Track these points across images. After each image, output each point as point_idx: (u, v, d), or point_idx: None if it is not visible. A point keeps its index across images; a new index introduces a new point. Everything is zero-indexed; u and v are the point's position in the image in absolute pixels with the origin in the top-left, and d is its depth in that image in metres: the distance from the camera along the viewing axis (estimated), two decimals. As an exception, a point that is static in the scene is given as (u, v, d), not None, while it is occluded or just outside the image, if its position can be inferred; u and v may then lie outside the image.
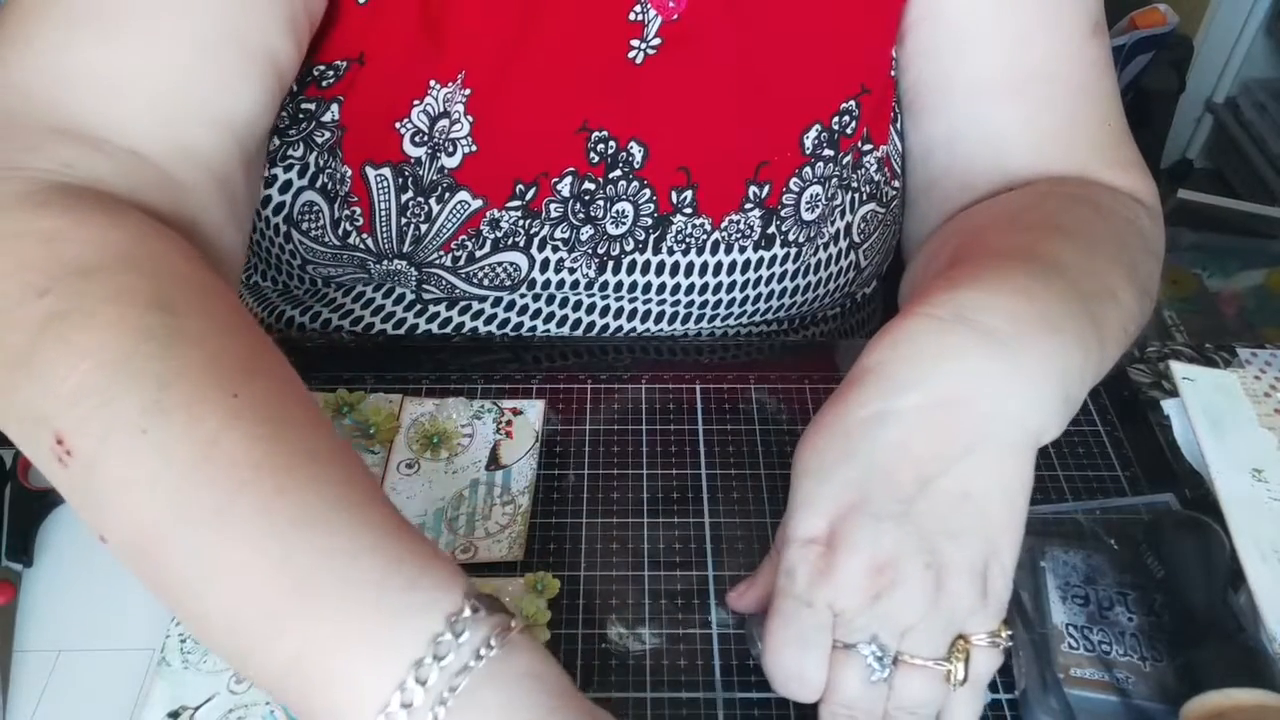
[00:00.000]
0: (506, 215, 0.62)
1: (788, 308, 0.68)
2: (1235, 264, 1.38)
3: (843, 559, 0.41)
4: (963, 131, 0.64)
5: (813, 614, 0.42)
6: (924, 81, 0.66)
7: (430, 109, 0.59)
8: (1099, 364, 0.47)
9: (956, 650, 0.42)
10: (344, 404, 0.59)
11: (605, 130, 0.62)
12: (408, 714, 0.34)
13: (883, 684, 0.42)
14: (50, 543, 0.53)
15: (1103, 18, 0.64)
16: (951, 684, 0.42)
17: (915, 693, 0.41)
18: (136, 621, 0.49)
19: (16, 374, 0.39)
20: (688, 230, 0.64)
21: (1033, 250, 0.49)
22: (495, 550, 0.53)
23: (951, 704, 0.42)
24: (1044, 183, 0.61)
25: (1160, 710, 0.46)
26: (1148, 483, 0.57)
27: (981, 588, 0.42)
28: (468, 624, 0.36)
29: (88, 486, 0.38)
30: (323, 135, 0.60)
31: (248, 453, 0.37)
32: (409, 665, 0.35)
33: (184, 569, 0.37)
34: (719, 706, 0.47)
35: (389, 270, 0.63)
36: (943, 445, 0.42)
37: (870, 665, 0.41)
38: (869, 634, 0.41)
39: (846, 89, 0.64)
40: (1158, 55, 1.51)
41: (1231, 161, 2.08)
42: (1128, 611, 0.49)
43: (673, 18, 0.60)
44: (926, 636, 0.41)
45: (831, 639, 0.42)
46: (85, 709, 0.47)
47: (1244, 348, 0.65)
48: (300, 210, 0.62)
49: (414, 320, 0.67)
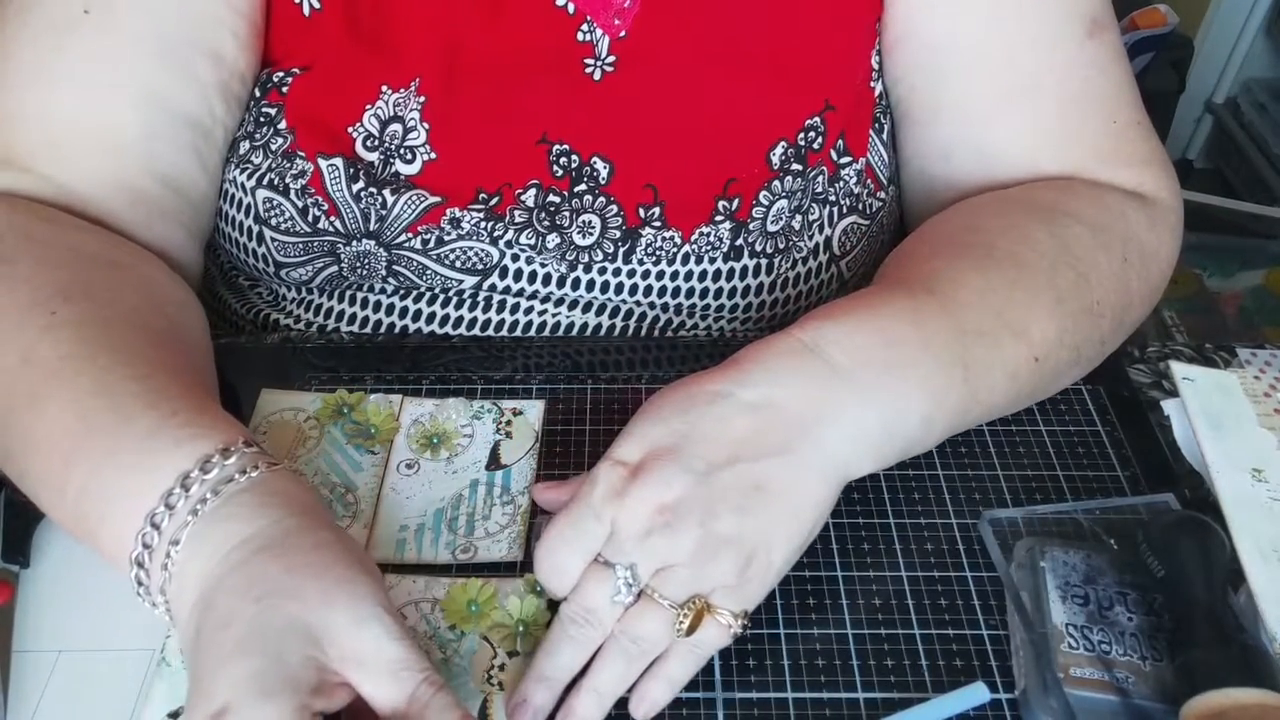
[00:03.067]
0: (469, 215, 0.62)
1: (769, 320, 0.68)
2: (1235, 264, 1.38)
3: (637, 488, 0.46)
4: (955, 149, 0.65)
5: (596, 524, 0.46)
6: (912, 100, 0.66)
7: (381, 113, 0.61)
8: (963, 402, 0.51)
9: (695, 606, 0.45)
10: (344, 404, 0.59)
11: (566, 144, 0.63)
12: (169, 517, 0.43)
13: (621, 607, 0.46)
14: (51, 543, 0.53)
15: (1104, 14, 0.63)
16: (676, 632, 0.45)
17: (643, 625, 0.45)
18: (136, 621, 0.49)
19: None
20: (657, 243, 0.64)
21: (933, 282, 0.53)
22: (495, 550, 0.53)
23: (669, 654, 0.46)
24: (1021, 188, 0.62)
25: (1160, 710, 0.46)
26: (1148, 483, 0.57)
27: (741, 569, 0.45)
28: (233, 455, 0.45)
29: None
30: (276, 142, 0.62)
31: (56, 350, 0.48)
32: (162, 493, 0.44)
33: (12, 445, 0.48)
34: (719, 706, 0.47)
35: (360, 253, 0.63)
36: (760, 438, 0.47)
37: (619, 586, 0.45)
38: (630, 560, 0.45)
39: (810, 106, 0.64)
40: (1158, 55, 1.51)
41: (1231, 161, 2.08)
42: (1128, 611, 0.49)
43: (619, 35, 0.62)
44: (674, 582, 0.45)
45: (598, 551, 0.46)
46: (85, 709, 0.47)
47: (1244, 348, 0.65)
48: (265, 207, 0.63)
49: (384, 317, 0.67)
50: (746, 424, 0.47)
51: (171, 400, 0.47)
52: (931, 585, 0.52)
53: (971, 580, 0.52)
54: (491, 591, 0.50)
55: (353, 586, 0.42)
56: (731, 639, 0.46)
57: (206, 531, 0.43)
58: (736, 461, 0.46)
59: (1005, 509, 0.55)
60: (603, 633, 0.46)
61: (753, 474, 0.46)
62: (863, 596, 0.51)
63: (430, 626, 0.49)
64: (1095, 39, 0.62)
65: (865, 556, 0.53)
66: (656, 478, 0.46)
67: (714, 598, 0.45)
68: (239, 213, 0.64)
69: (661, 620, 0.45)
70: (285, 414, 0.59)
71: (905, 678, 0.48)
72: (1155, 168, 0.64)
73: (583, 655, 0.46)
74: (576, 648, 0.46)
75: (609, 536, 0.46)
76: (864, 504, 0.55)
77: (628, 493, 0.46)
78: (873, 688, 0.48)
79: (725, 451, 0.46)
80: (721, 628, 0.46)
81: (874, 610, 0.51)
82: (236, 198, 0.64)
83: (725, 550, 0.45)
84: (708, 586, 0.45)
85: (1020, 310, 0.53)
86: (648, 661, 0.46)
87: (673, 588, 0.45)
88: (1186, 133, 2.15)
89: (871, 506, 0.55)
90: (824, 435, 0.47)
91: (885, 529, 0.54)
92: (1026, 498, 0.56)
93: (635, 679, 0.46)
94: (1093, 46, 0.62)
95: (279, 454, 0.56)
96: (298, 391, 0.60)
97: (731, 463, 0.46)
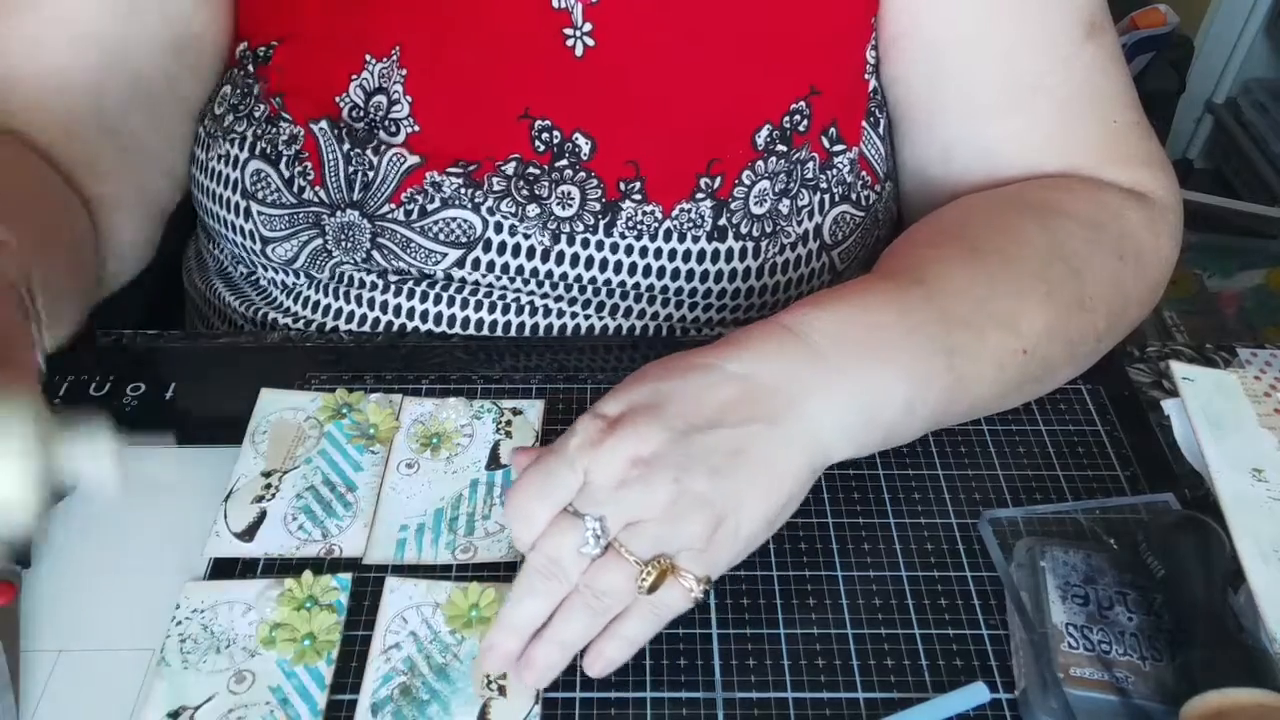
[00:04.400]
0: (448, 180, 0.63)
1: (758, 307, 0.68)
2: (1235, 264, 1.38)
3: (613, 440, 0.45)
4: (955, 149, 0.66)
5: (569, 473, 0.46)
6: (910, 101, 0.67)
7: (366, 83, 0.62)
8: (948, 390, 0.52)
9: (660, 564, 0.45)
10: (344, 404, 0.59)
11: (549, 120, 0.63)
12: None
13: (587, 559, 0.45)
14: (51, 543, 0.53)
15: (1101, 16, 0.63)
16: (638, 588, 0.45)
17: (606, 578, 0.45)
18: (136, 621, 0.49)
19: None
20: (638, 217, 0.64)
21: (920, 273, 0.53)
22: (495, 550, 0.53)
23: (628, 612, 0.46)
24: (1017, 186, 0.62)
25: (1160, 710, 0.46)
26: (1148, 483, 0.57)
27: (710, 531, 0.45)
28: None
29: None
30: (259, 109, 0.64)
31: None
32: None
33: None
34: (719, 706, 0.47)
35: (343, 225, 0.64)
36: (743, 406, 0.47)
37: (587, 538, 0.45)
38: (599, 512, 0.45)
39: (795, 89, 0.64)
40: (1158, 55, 1.51)
41: (1231, 161, 2.08)
42: (1127, 611, 0.49)
43: (591, 1, 0.61)
44: (641, 538, 0.45)
45: (569, 501, 0.46)
46: (85, 709, 0.47)
47: (1244, 348, 0.65)
48: (252, 180, 0.64)
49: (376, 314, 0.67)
50: (730, 392, 0.47)
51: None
52: (931, 585, 0.52)
53: (971, 580, 0.52)
54: (493, 596, 0.50)
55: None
56: (692, 604, 0.46)
57: None
58: (718, 426, 0.46)
59: (1005, 509, 0.55)
60: (568, 585, 0.46)
61: (733, 439, 0.46)
62: (863, 596, 0.51)
63: (431, 630, 0.49)
64: (1094, 41, 0.63)
65: (865, 556, 0.53)
66: (634, 431, 0.46)
67: (680, 559, 0.45)
68: (227, 189, 0.65)
69: (625, 575, 0.45)
70: (285, 413, 0.59)
71: (905, 678, 0.48)
72: (1154, 168, 0.64)
73: (548, 606, 0.46)
74: (541, 599, 0.46)
75: (581, 488, 0.46)
76: (864, 504, 0.55)
77: (603, 444, 0.45)
78: (873, 688, 0.48)
79: (707, 414, 0.46)
80: (684, 590, 0.46)
81: (874, 610, 0.51)
82: (225, 174, 0.65)
83: (697, 509, 0.45)
84: (675, 546, 0.45)
85: (1007, 302, 0.54)
86: (610, 617, 0.46)
87: (640, 543, 0.45)
88: (1186, 133, 2.15)
89: (871, 506, 0.55)
90: (805, 411, 0.48)
91: (885, 529, 0.54)
92: (1026, 498, 0.56)
93: (597, 633, 0.46)
94: (1091, 48, 0.63)
95: (278, 454, 0.57)
96: (298, 391, 0.60)
97: (713, 426, 0.46)
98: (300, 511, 0.54)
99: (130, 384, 0.61)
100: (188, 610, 0.50)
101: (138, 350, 0.63)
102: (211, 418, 0.60)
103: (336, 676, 0.48)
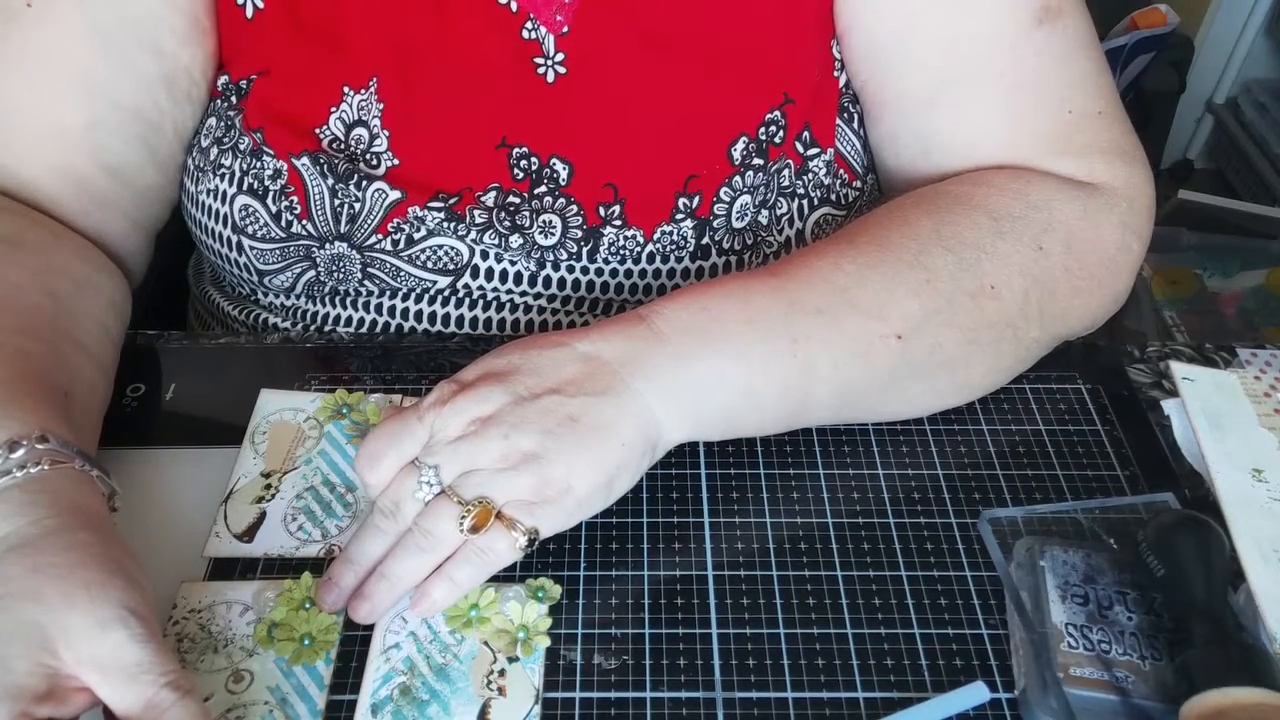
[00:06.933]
0: (430, 214, 0.63)
1: None
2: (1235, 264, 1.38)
3: (461, 401, 0.50)
4: (899, 139, 0.66)
5: (418, 426, 0.50)
6: (863, 90, 0.67)
7: (345, 116, 0.63)
8: (795, 376, 0.53)
9: (481, 505, 0.48)
10: (344, 404, 0.59)
11: (525, 147, 0.63)
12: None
13: (422, 504, 0.49)
14: (50, 543, 0.53)
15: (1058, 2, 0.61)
16: (461, 529, 0.48)
17: (433, 518, 0.49)
18: (136, 622, 0.49)
19: None
20: (620, 242, 0.64)
21: (781, 266, 0.56)
22: (495, 550, 0.53)
23: (457, 554, 0.49)
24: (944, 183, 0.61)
25: (1160, 709, 0.46)
26: (1148, 482, 0.57)
27: (537, 487, 0.48)
28: (20, 449, 0.45)
29: None
30: (244, 142, 0.63)
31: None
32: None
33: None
34: (719, 706, 0.47)
35: (334, 256, 0.64)
36: (585, 379, 0.51)
37: (421, 484, 0.49)
38: (435, 461, 0.49)
39: (769, 100, 0.64)
40: (1158, 55, 1.51)
41: (1232, 162, 2.08)
42: (1127, 611, 0.49)
43: (561, 31, 0.62)
44: (470, 484, 0.49)
45: (416, 454, 0.50)
46: (85, 709, 0.47)
47: (1244, 348, 0.65)
48: (241, 215, 0.64)
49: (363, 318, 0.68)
50: (575, 369, 0.51)
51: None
52: (931, 585, 0.52)
53: (971, 580, 0.52)
54: (493, 597, 0.50)
55: (99, 589, 0.42)
56: (519, 554, 0.49)
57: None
58: (559, 393, 0.50)
59: (1005, 508, 0.55)
60: (403, 525, 0.49)
61: (569, 407, 0.49)
62: (862, 596, 0.51)
63: (431, 631, 0.49)
64: (1046, 26, 0.61)
65: (865, 556, 0.53)
66: (479, 395, 0.50)
67: (508, 509, 0.48)
68: (218, 224, 0.65)
69: (449, 515, 0.48)
70: (285, 414, 0.59)
71: (905, 677, 0.48)
72: (1113, 157, 0.62)
73: (384, 544, 0.50)
74: (379, 536, 0.50)
75: (427, 442, 0.50)
76: (863, 503, 0.55)
77: (451, 403, 0.50)
78: (873, 687, 0.48)
79: (549, 384, 0.50)
80: (510, 540, 0.48)
81: (874, 610, 0.51)
82: (215, 209, 0.65)
83: (524, 464, 0.48)
84: (502, 496, 0.48)
85: (872, 289, 0.54)
86: (437, 557, 0.49)
87: (467, 489, 0.48)
88: (1186, 133, 2.14)
89: (871, 506, 0.55)
90: (638, 388, 0.51)
91: (885, 529, 0.54)
92: (1026, 497, 0.56)
93: (427, 573, 0.49)
94: (1042, 35, 0.61)
95: (278, 454, 0.57)
96: (298, 391, 0.61)
97: (554, 393, 0.50)
98: (300, 512, 0.54)
99: (130, 384, 0.61)
100: (185, 610, 0.50)
101: (138, 350, 0.63)
102: (211, 418, 0.60)
103: (336, 676, 0.48)
